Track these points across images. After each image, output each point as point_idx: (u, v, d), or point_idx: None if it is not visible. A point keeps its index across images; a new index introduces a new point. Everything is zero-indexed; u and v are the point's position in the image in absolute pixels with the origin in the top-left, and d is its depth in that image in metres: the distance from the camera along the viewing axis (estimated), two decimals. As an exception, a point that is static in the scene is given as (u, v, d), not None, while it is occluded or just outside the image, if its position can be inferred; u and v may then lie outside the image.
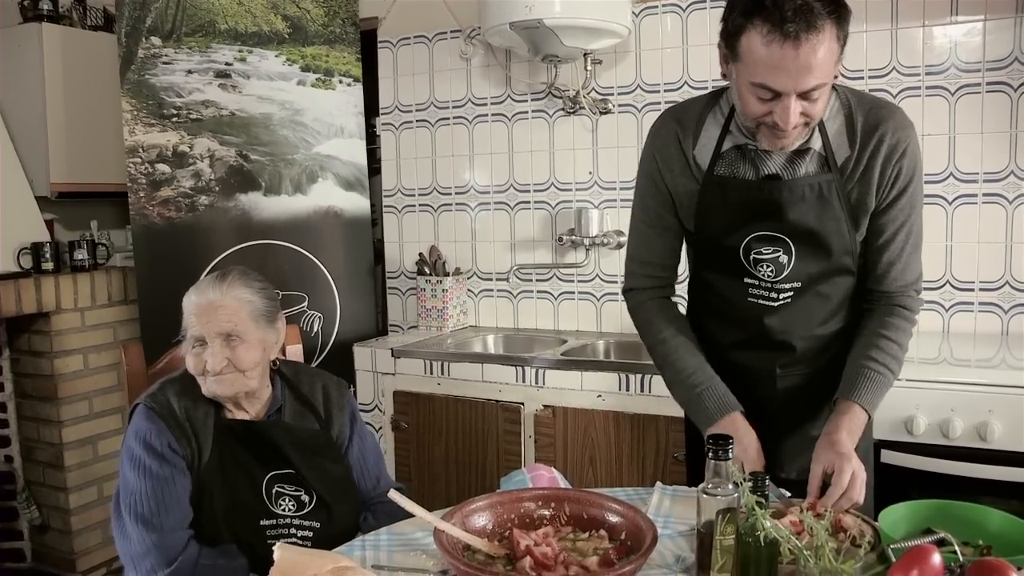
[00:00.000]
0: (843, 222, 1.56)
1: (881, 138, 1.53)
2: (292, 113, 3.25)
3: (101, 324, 3.44)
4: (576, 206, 3.16)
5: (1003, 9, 2.51)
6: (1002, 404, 2.06)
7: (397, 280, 3.59)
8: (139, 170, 3.08)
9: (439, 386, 2.84)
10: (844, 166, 1.54)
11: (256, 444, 1.69)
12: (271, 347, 1.74)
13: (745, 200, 1.58)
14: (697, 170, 1.62)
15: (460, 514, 1.33)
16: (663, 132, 1.67)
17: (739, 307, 1.67)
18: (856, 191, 1.55)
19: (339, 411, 1.82)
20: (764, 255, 1.59)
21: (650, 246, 1.75)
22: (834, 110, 1.55)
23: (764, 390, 1.70)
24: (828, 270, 1.61)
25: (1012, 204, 2.56)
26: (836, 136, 1.55)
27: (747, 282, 1.64)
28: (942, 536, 1.20)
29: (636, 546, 1.25)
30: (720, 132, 1.60)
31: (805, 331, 1.66)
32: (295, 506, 1.68)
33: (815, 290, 1.62)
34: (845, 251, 1.59)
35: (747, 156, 1.57)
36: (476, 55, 3.30)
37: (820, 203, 1.55)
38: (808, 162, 1.55)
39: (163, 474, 1.59)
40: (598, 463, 2.58)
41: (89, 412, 3.40)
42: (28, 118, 3.37)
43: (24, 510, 3.37)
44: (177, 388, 1.69)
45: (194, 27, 3.13)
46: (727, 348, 1.72)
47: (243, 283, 1.70)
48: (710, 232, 1.65)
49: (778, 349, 1.67)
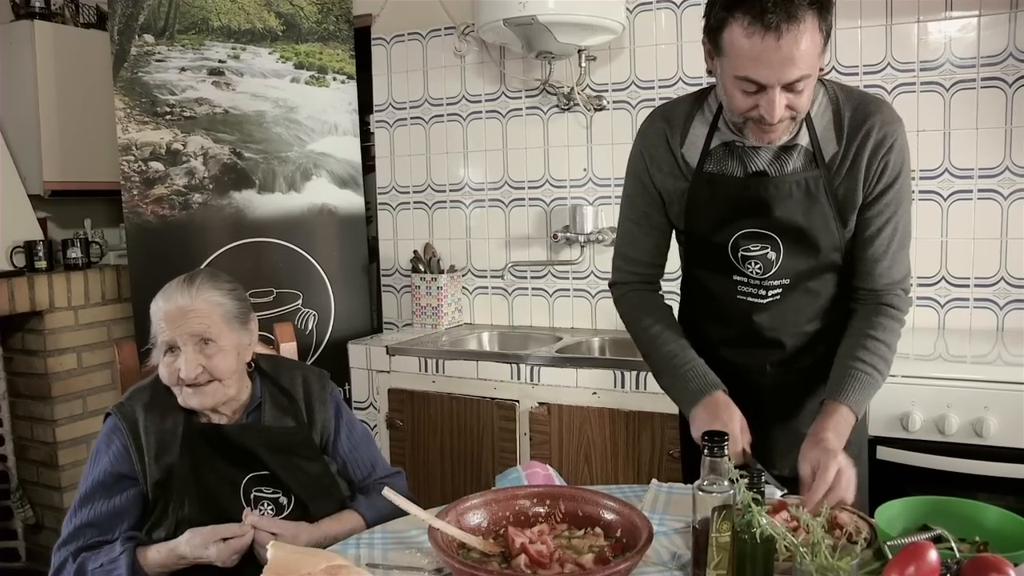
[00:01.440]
0: (831, 218, 1.56)
1: (868, 132, 1.52)
2: (286, 110, 3.24)
3: (95, 322, 3.43)
4: (571, 203, 3.15)
5: (997, 4, 2.51)
6: (998, 400, 2.05)
7: (392, 278, 3.58)
8: (132, 168, 3.07)
9: (434, 384, 2.84)
10: (831, 162, 1.54)
11: (228, 448, 1.65)
12: (245, 350, 1.69)
13: (732, 197, 1.57)
14: (686, 168, 1.62)
15: (455, 512, 1.33)
16: (651, 131, 1.67)
17: (729, 304, 1.67)
18: (844, 186, 1.55)
19: (321, 404, 1.76)
20: (752, 252, 1.59)
21: (636, 244, 1.75)
22: (822, 105, 1.55)
23: (755, 387, 1.70)
24: (817, 267, 1.60)
25: (1007, 200, 2.56)
26: (824, 131, 1.54)
27: (736, 279, 1.64)
28: (939, 532, 1.20)
29: (632, 544, 1.24)
30: (708, 130, 1.60)
31: (795, 328, 1.66)
32: (274, 509, 1.64)
33: (804, 287, 1.62)
34: (833, 248, 1.59)
35: (735, 153, 1.57)
36: (470, 52, 3.29)
37: (807, 199, 1.54)
38: (795, 158, 1.54)
39: (111, 484, 1.63)
40: (593, 460, 2.58)
41: (83, 411, 3.38)
42: (21, 116, 3.36)
43: (18, 509, 3.36)
44: (146, 398, 1.66)
45: (187, 24, 3.12)
46: (718, 346, 1.72)
47: (212, 285, 1.65)
48: (699, 230, 1.65)
49: (768, 346, 1.67)
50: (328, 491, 1.70)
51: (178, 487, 1.60)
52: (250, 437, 1.67)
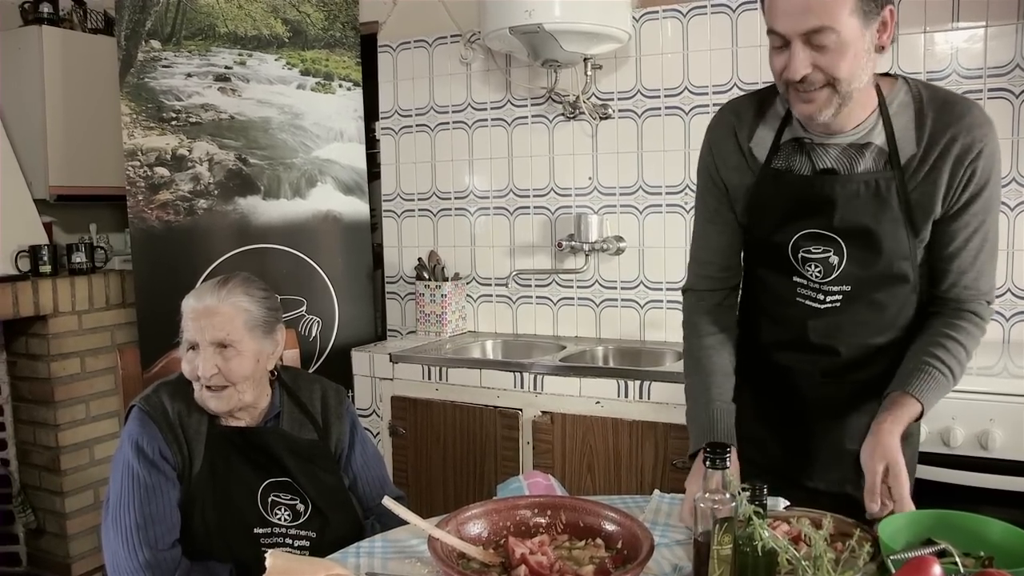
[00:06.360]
0: (901, 224, 1.47)
1: (954, 137, 1.43)
2: (291, 117, 3.25)
3: (99, 327, 3.44)
4: (576, 211, 3.15)
5: (1004, 15, 2.51)
6: (1003, 413, 2.04)
7: (396, 285, 3.58)
8: (138, 173, 3.08)
9: (437, 392, 2.83)
10: (908, 164, 1.45)
11: (252, 452, 1.67)
12: (267, 358, 1.71)
13: (797, 195, 1.51)
14: (754, 163, 1.56)
15: (455, 522, 1.32)
16: (720, 125, 1.62)
17: (786, 306, 1.60)
18: (919, 191, 1.46)
19: (338, 419, 1.80)
20: (813, 254, 1.52)
21: (708, 243, 1.68)
22: (902, 103, 1.48)
23: (804, 395, 1.63)
24: (882, 275, 1.52)
25: (1014, 211, 2.55)
26: (902, 131, 1.46)
27: (796, 281, 1.57)
28: (943, 547, 1.18)
29: (633, 555, 1.23)
30: (780, 124, 1.54)
31: (853, 339, 1.57)
32: (290, 515, 1.66)
33: (869, 298, 1.54)
34: (901, 256, 1.50)
35: (804, 149, 1.51)
36: (476, 60, 3.29)
37: (876, 201, 1.46)
38: (868, 157, 1.47)
39: (151, 483, 1.57)
40: (596, 470, 2.57)
41: (86, 416, 3.38)
42: (27, 121, 3.37)
43: (20, 514, 3.36)
44: (171, 391, 1.67)
45: (194, 30, 3.13)
46: (772, 348, 1.66)
47: (243, 290, 1.67)
48: (761, 227, 1.58)
49: (820, 353, 1.59)
50: (343, 504, 1.73)
51: (199, 488, 1.61)
52: (275, 441, 1.69)
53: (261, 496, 1.66)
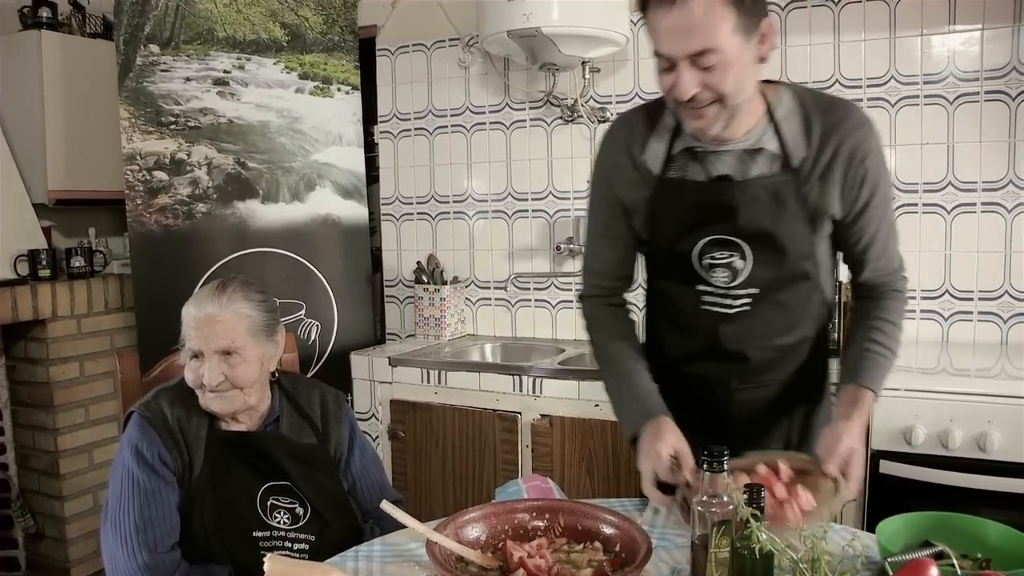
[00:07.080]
0: (800, 224, 1.52)
1: (842, 139, 1.49)
2: (290, 121, 3.25)
3: (98, 331, 3.44)
4: (574, 215, 3.15)
5: (1001, 18, 2.51)
6: (1001, 414, 2.04)
7: (395, 288, 3.58)
8: (137, 177, 3.08)
9: (436, 395, 2.83)
10: (802, 166, 1.50)
11: (252, 456, 1.68)
12: (269, 360, 1.72)
13: (696, 203, 1.53)
14: (649, 176, 1.58)
15: (453, 525, 1.32)
16: (612, 141, 1.64)
17: (693, 316, 1.62)
18: (814, 192, 1.51)
19: (336, 423, 1.80)
20: (718, 260, 1.55)
21: (600, 256, 1.72)
22: (789, 109, 1.51)
23: (722, 404, 1.66)
24: (786, 275, 1.56)
25: (1011, 213, 2.55)
26: (792, 136, 1.50)
27: (700, 289, 1.59)
28: (940, 549, 1.19)
29: (631, 558, 1.23)
30: (670, 136, 1.56)
31: (762, 341, 1.61)
32: (290, 519, 1.66)
33: (773, 298, 1.57)
34: (803, 255, 1.55)
35: (697, 158, 1.54)
36: (474, 63, 3.30)
37: (775, 204, 1.50)
38: (761, 162, 1.51)
39: (151, 487, 1.57)
40: (595, 473, 2.57)
41: (85, 420, 3.39)
42: (26, 125, 3.37)
43: (19, 518, 3.36)
44: (171, 397, 1.67)
45: (192, 35, 3.13)
46: (683, 361, 1.67)
47: (243, 296, 1.67)
48: (663, 238, 1.60)
49: (733, 360, 1.62)
50: (342, 508, 1.73)
51: (198, 492, 1.61)
52: (274, 445, 1.70)
53: (260, 500, 1.66)
